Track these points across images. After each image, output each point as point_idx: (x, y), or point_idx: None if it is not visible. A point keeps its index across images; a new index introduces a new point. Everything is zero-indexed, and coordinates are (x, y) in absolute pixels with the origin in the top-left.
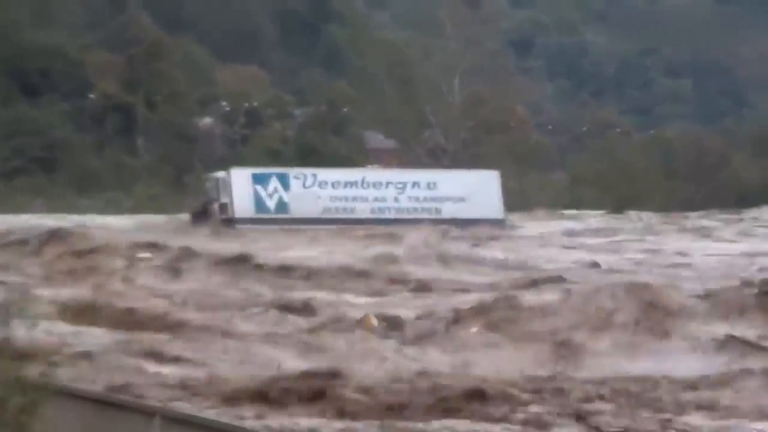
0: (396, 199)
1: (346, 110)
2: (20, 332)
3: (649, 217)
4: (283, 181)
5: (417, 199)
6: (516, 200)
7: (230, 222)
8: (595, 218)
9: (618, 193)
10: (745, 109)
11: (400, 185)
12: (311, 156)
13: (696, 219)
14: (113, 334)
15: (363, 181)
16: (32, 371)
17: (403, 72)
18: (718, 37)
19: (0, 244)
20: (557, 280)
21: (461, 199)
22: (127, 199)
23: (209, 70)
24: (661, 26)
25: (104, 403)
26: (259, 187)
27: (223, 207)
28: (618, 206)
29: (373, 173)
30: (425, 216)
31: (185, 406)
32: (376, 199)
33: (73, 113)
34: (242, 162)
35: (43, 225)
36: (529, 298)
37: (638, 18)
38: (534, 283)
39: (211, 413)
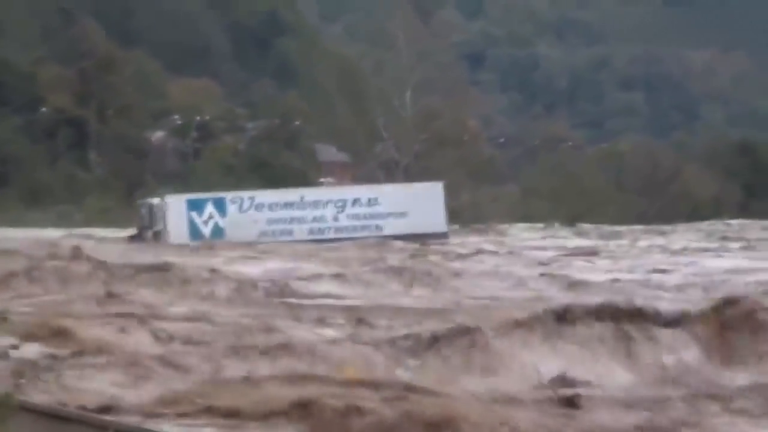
0: (335, 219)
1: (298, 123)
2: None
3: (604, 230)
4: (219, 206)
5: (357, 216)
6: (469, 214)
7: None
8: (551, 232)
9: (570, 207)
10: (697, 121)
11: (340, 203)
12: (263, 169)
13: (651, 232)
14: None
15: (301, 201)
16: None
17: (354, 85)
18: (669, 44)
19: None
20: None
21: (403, 214)
22: (79, 212)
23: (161, 84)
24: (613, 38)
25: (58, 417)
26: (194, 214)
27: (157, 234)
28: (570, 220)
29: (312, 192)
30: (366, 234)
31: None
32: (314, 219)
33: (24, 127)
34: (194, 175)
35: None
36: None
37: (590, 31)
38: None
39: (171, 428)
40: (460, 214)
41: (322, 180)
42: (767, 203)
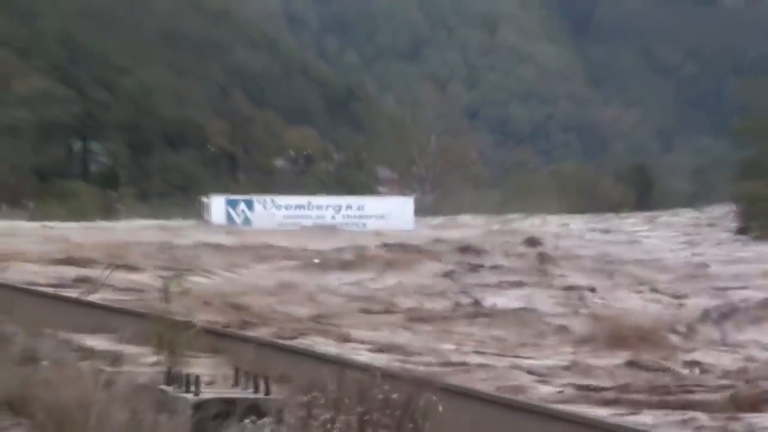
0: (333, 217)
1: (365, 155)
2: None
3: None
4: (249, 204)
5: (348, 216)
6: (470, 209)
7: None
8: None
9: (531, 205)
10: (609, 152)
11: (335, 207)
12: (344, 183)
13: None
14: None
15: (308, 205)
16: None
17: (399, 131)
18: (594, 103)
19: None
20: None
21: (382, 217)
22: None
23: (281, 131)
24: (556, 98)
25: (222, 335)
26: (230, 208)
27: (206, 222)
28: (532, 214)
29: (317, 199)
30: (354, 228)
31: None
32: (318, 217)
33: (198, 159)
34: (303, 188)
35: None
36: None
37: (542, 95)
38: None
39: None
40: (463, 209)
41: (380, 189)
42: (652, 202)
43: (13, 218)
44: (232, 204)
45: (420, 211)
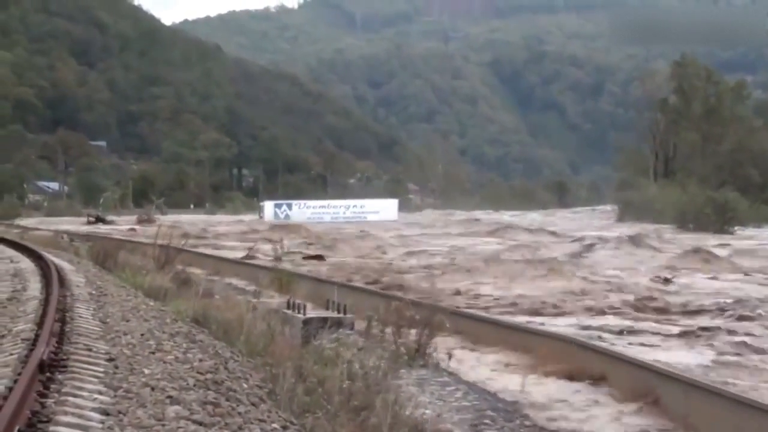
0: (344, 213)
1: (401, 176)
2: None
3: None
4: (289, 205)
5: (354, 212)
6: (462, 208)
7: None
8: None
9: (496, 206)
10: (541, 174)
11: (346, 206)
12: (390, 193)
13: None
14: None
15: (328, 205)
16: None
17: (421, 163)
18: (532, 145)
19: None
20: None
21: (376, 212)
22: None
23: (353, 162)
24: (509, 144)
25: (318, 280)
26: (276, 208)
27: (261, 217)
28: (497, 209)
29: (333, 202)
30: (358, 219)
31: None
32: (334, 213)
33: (305, 179)
34: (365, 196)
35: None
36: None
37: (497, 138)
38: None
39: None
40: (457, 207)
41: (410, 196)
42: (566, 203)
43: (197, 213)
44: (278, 206)
45: (431, 207)
